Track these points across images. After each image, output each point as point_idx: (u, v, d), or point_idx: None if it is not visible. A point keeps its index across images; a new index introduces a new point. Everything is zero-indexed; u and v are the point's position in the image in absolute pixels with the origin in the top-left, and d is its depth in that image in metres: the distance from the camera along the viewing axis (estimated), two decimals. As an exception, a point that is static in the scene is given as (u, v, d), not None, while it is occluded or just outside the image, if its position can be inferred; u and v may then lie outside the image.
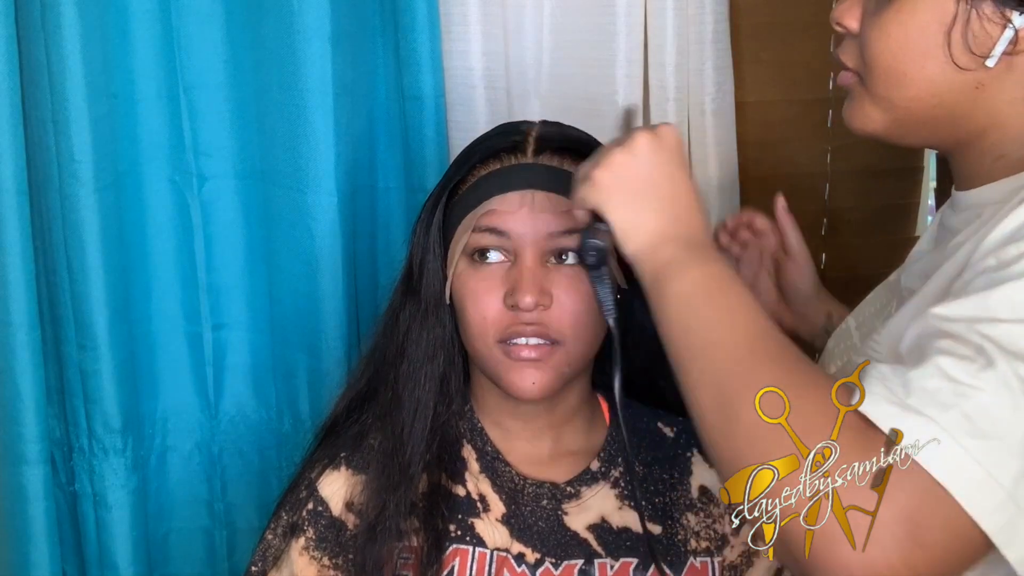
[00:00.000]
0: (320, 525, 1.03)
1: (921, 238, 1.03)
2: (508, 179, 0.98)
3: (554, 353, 0.96)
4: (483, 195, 0.98)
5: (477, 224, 0.97)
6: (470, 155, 1.03)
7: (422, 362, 1.02)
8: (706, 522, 1.04)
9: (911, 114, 0.84)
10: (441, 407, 1.03)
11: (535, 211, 0.96)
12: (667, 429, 1.08)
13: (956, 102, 0.82)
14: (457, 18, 1.40)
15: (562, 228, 0.96)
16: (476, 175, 1.00)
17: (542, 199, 0.97)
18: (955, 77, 0.80)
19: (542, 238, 0.96)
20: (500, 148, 1.00)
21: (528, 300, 0.94)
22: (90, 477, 1.35)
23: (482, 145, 1.03)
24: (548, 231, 0.96)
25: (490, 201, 0.97)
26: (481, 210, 0.97)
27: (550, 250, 0.97)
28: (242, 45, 1.35)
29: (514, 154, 1.00)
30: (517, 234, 0.96)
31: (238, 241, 1.41)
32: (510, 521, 1.01)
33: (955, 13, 0.78)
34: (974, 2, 0.77)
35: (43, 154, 1.27)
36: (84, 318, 1.30)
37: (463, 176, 1.01)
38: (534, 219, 0.96)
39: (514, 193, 0.97)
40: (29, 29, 1.24)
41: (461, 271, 0.99)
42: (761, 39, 1.65)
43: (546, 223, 0.96)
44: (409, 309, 1.03)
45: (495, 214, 0.97)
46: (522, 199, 0.97)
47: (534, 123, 1.04)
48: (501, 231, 0.96)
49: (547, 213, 0.96)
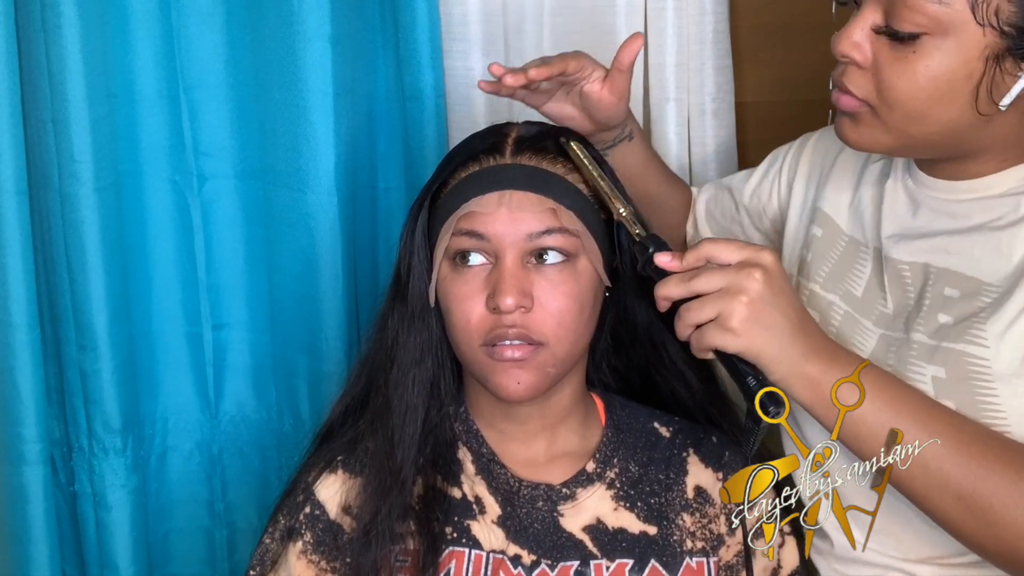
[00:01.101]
0: (317, 529, 1.03)
1: (860, 199, 1.05)
2: (486, 180, 0.97)
3: (538, 354, 0.96)
4: (462, 197, 0.97)
5: (457, 227, 0.97)
6: (452, 158, 1.02)
7: (410, 366, 1.02)
8: (702, 522, 1.04)
9: (923, 141, 0.91)
10: (432, 410, 1.03)
11: (513, 211, 0.95)
12: (663, 429, 1.08)
13: (967, 133, 0.90)
14: (457, 18, 1.40)
15: (541, 228, 0.96)
16: (457, 178, 1.00)
17: (520, 198, 0.96)
18: (972, 117, 0.88)
19: (521, 239, 0.95)
20: (479, 150, 1.00)
21: (508, 302, 0.93)
22: (90, 477, 1.35)
23: (463, 147, 1.03)
24: (527, 231, 0.95)
25: (468, 203, 0.96)
26: (460, 212, 0.96)
27: (530, 250, 0.96)
28: (242, 45, 1.35)
29: (492, 155, 0.99)
30: (496, 236, 0.95)
31: (238, 241, 1.41)
32: (506, 523, 1.01)
33: (983, 71, 0.85)
34: (999, 60, 0.85)
35: (43, 154, 1.27)
36: (84, 318, 1.30)
37: (444, 179, 1.01)
38: (513, 219, 0.95)
39: (492, 194, 0.96)
40: (29, 29, 1.24)
41: (444, 275, 0.99)
42: (761, 39, 1.65)
43: (525, 223, 0.95)
44: (397, 313, 1.03)
45: (474, 216, 0.96)
46: (500, 199, 0.96)
47: (515, 123, 1.04)
48: (480, 234, 0.96)
49: (525, 212, 0.96)
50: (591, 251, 0.98)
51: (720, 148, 1.51)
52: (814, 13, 1.69)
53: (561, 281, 0.96)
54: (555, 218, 0.96)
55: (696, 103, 1.49)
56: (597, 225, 1.00)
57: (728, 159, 1.52)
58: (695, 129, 1.50)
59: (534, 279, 0.96)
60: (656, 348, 1.08)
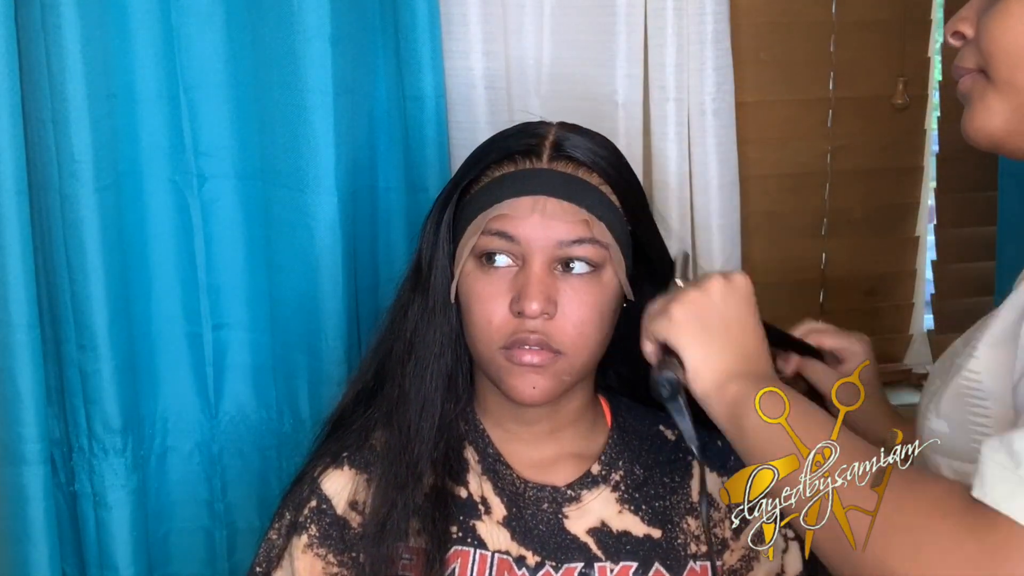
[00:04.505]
0: (324, 523, 1.02)
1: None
2: (521, 184, 0.97)
3: (556, 361, 0.96)
4: (495, 198, 0.97)
5: (487, 227, 0.96)
6: (485, 154, 1.01)
7: (430, 360, 1.01)
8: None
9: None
10: (448, 405, 1.02)
11: (546, 218, 0.95)
12: (668, 432, 1.08)
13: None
14: (457, 18, 1.40)
15: (572, 237, 0.95)
16: (489, 176, 1.00)
17: (554, 206, 0.96)
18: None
19: (552, 245, 0.95)
20: (515, 150, 0.99)
21: (534, 307, 0.93)
22: (90, 477, 1.35)
23: (497, 145, 1.02)
24: (558, 239, 0.95)
25: (501, 205, 0.96)
26: (492, 213, 0.96)
27: (558, 258, 0.96)
28: (242, 45, 1.34)
29: (529, 158, 0.99)
30: (526, 239, 0.95)
31: (238, 241, 1.40)
32: (511, 524, 1.01)
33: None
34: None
35: (43, 154, 1.27)
36: (84, 318, 1.30)
37: (476, 176, 1.00)
38: (544, 226, 0.95)
39: (526, 198, 0.96)
40: (29, 29, 1.24)
41: (468, 272, 0.98)
42: (761, 39, 1.65)
43: (556, 231, 0.95)
44: (418, 305, 1.02)
45: (506, 218, 0.96)
46: (534, 205, 0.96)
47: (552, 125, 1.03)
48: (510, 236, 0.96)
49: (558, 220, 0.95)
50: (618, 263, 0.98)
51: (720, 148, 1.51)
52: (814, 13, 1.69)
53: (586, 291, 0.96)
54: (587, 228, 0.95)
55: (696, 103, 1.49)
56: (624, 236, 1.00)
57: (728, 159, 1.52)
58: (695, 129, 1.50)
59: (559, 286, 0.96)
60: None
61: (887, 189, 1.78)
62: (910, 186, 1.79)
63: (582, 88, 1.46)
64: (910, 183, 1.79)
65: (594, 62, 1.47)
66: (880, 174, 1.77)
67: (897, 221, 1.80)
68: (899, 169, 1.78)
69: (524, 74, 1.47)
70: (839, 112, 1.72)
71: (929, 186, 1.81)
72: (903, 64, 1.71)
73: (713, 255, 1.52)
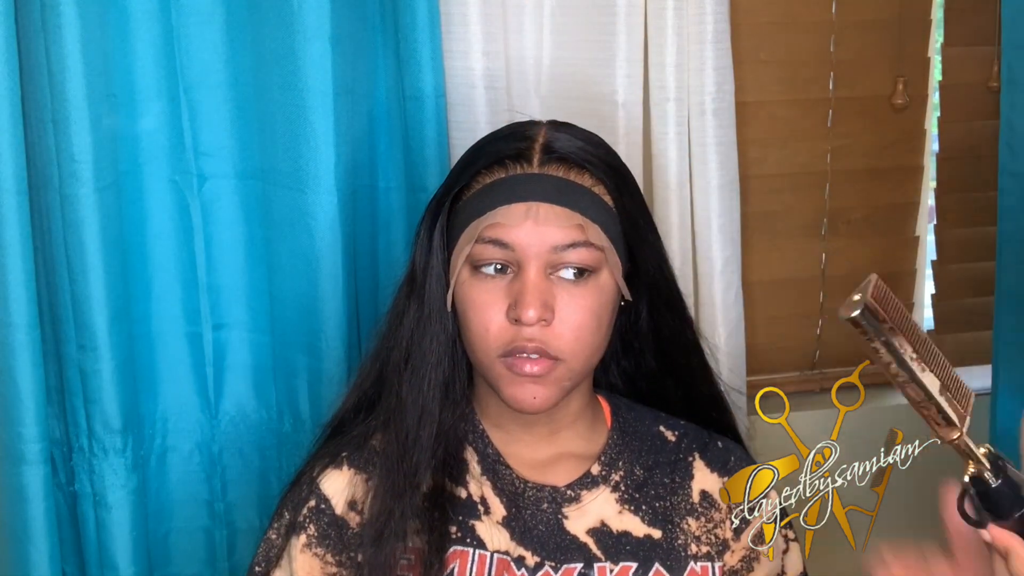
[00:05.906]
0: (322, 523, 1.02)
1: None
2: (513, 190, 0.96)
3: (555, 368, 0.96)
4: (487, 205, 0.96)
5: (481, 235, 0.95)
6: (475, 159, 1.01)
7: (427, 369, 1.01)
8: (707, 527, 1.04)
9: None
10: (446, 413, 1.02)
11: (539, 224, 0.95)
12: (669, 433, 1.08)
13: None
14: (457, 18, 1.40)
15: (566, 241, 0.95)
16: (480, 182, 0.99)
17: (547, 211, 0.95)
18: None
19: (546, 251, 0.95)
20: (505, 155, 0.98)
21: (531, 315, 0.93)
22: (90, 477, 1.35)
23: (487, 150, 1.01)
24: (552, 244, 0.95)
25: (494, 212, 0.95)
26: (485, 221, 0.95)
27: (553, 263, 0.95)
28: (242, 45, 1.35)
29: (519, 163, 0.98)
30: (521, 246, 0.95)
31: (238, 241, 1.40)
32: (511, 524, 1.01)
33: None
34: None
35: (43, 154, 1.27)
36: (84, 318, 1.30)
37: (467, 181, 1.00)
38: (538, 232, 0.94)
39: (518, 205, 0.95)
40: (29, 29, 1.24)
41: (464, 280, 0.98)
42: (761, 39, 1.66)
43: (550, 236, 0.95)
44: (413, 313, 1.02)
45: (499, 226, 0.95)
46: (527, 211, 0.95)
47: (542, 125, 1.02)
48: (505, 243, 0.95)
49: (551, 226, 0.95)
50: (613, 264, 0.97)
51: (720, 148, 1.51)
52: (814, 13, 1.69)
53: (582, 295, 0.96)
54: (581, 232, 0.95)
55: (696, 103, 1.49)
56: (618, 236, 0.99)
57: (728, 159, 1.52)
58: (695, 129, 1.50)
59: (555, 291, 0.95)
60: (666, 356, 1.08)
61: (887, 189, 1.78)
62: (910, 186, 1.80)
63: (582, 88, 1.46)
64: (910, 183, 1.79)
65: (594, 62, 1.47)
66: (880, 174, 1.77)
67: (897, 221, 1.81)
68: (899, 169, 1.78)
69: (524, 74, 1.47)
70: (839, 112, 1.73)
71: (929, 186, 1.81)
72: (903, 64, 1.71)
73: (713, 255, 1.52)
